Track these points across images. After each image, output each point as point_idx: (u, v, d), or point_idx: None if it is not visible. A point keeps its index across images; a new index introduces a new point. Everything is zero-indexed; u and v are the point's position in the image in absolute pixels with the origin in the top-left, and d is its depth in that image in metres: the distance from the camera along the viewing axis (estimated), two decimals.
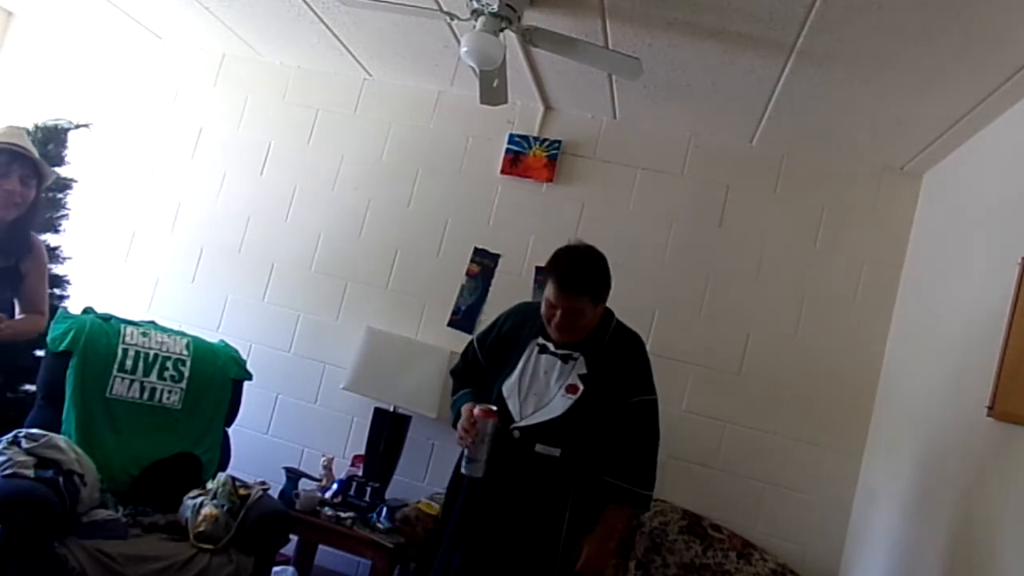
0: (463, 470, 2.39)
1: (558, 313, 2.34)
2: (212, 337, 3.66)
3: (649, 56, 3.03)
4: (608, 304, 2.46)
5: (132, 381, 3.21)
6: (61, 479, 2.65)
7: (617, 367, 2.42)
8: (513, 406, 2.40)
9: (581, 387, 2.37)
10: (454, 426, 2.45)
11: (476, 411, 2.34)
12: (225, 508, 2.87)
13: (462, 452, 2.42)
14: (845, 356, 3.58)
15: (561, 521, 2.36)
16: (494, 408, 2.36)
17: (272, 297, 4.13)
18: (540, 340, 2.45)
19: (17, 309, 2.89)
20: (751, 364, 3.66)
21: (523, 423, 2.38)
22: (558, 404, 2.37)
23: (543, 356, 2.43)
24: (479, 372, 2.57)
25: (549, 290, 2.35)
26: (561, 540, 2.36)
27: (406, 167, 4.09)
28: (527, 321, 2.51)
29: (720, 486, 3.61)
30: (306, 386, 4.01)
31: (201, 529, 2.81)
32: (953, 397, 2.67)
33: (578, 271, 2.34)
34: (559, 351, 2.42)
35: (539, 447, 2.36)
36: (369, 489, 3.45)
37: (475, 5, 2.73)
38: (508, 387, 2.43)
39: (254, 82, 4.31)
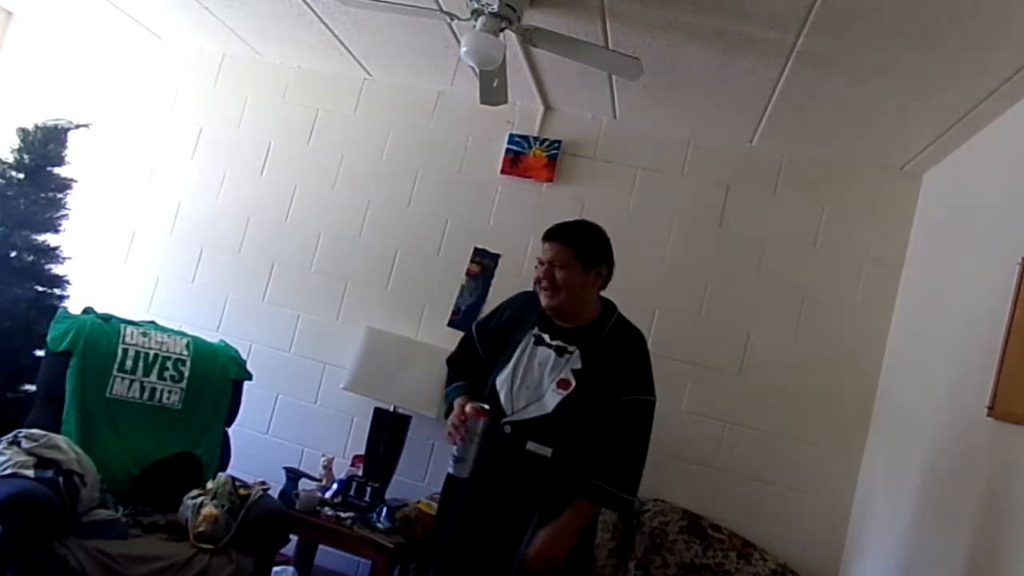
0: (450, 469, 2.30)
1: (543, 268, 2.36)
2: (212, 337, 3.66)
3: (649, 56, 3.03)
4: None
5: (132, 381, 3.21)
6: (61, 479, 2.65)
7: (614, 364, 2.33)
8: (505, 399, 2.32)
9: (573, 383, 2.29)
10: (447, 416, 2.38)
11: (468, 408, 2.26)
12: (225, 508, 2.88)
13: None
14: (845, 356, 3.58)
15: (531, 518, 2.27)
16: (486, 407, 2.28)
17: (272, 297, 4.13)
18: (537, 331, 2.39)
19: None
20: (751, 364, 3.66)
21: (514, 417, 2.30)
22: (549, 400, 2.29)
23: (539, 348, 2.36)
24: (476, 362, 2.51)
25: (540, 250, 2.41)
26: (528, 537, 2.25)
27: (406, 167, 4.09)
28: (527, 310, 2.46)
29: (720, 486, 3.61)
30: (306, 386, 4.01)
31: (201, 529, 2.81)
32: (953, 397, 2.67)
33: (565, 224, 2.42)
34: (554, 343, 2.35)
35: (530, 445, 2.27)
36: (369, 489, 3.45)
37: (475, 5, 2.73)
38: (501, 380, 2.36)
39: (254, 82, 4.31)
